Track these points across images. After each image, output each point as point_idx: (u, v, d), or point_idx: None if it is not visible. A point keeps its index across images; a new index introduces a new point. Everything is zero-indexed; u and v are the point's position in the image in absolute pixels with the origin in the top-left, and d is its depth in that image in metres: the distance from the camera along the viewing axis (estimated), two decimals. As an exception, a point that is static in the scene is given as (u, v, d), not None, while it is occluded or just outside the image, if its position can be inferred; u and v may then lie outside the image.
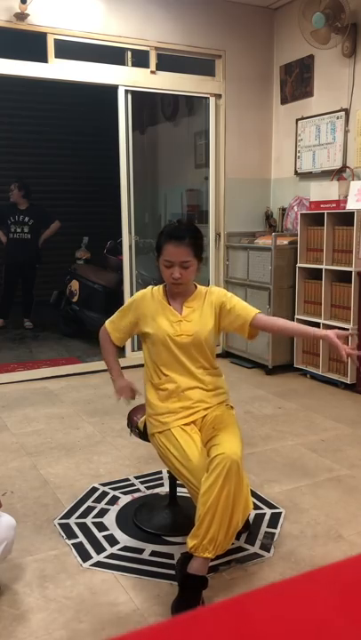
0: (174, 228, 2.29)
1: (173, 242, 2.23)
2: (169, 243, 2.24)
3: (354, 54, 4.61)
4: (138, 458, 3.22)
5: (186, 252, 2.24)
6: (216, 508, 1.94)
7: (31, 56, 4.50)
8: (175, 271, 2.24)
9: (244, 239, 5.27)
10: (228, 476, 1.95)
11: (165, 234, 2.27)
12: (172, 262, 2.24)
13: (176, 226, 2.32)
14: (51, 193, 7.49)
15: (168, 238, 2.25)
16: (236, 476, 1.98)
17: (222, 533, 1.96)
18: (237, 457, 2.00)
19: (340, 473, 3.04)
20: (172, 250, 2.23)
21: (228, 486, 1.95)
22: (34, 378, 4.79)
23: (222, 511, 1.95)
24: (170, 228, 2.30)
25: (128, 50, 4.91)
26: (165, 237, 2.26)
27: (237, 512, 2.01)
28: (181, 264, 2.24)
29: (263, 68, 5.45)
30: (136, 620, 1.94)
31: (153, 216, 6.86)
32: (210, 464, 2.00)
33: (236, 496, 1.99)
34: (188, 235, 2.26)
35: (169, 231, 2.28)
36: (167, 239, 2.25)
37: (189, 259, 2.25)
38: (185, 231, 2.27)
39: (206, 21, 5.09)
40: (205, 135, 5.49)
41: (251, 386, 4.59)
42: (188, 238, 2.25)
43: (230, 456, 1.98)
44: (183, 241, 2.23)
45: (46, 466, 3.15)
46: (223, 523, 1.96)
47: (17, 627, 1.92)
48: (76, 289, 6.12)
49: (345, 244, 4.40)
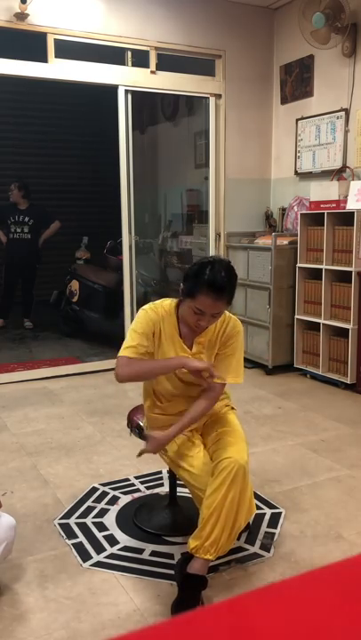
0: (216, 277, 1.95)
1: (213, 295, 1.94)
2: (207, 294, 1.94)
3: (354, 54, 4.61)
4: (138, 458, 3.21)
5: (222, 305, 2.00)
6: (220, 511, 1.93)
7: (31, 56, 4.50)
8: (204, 320, 2.02)
9: (244, 239, 5.27)
10: (235, 480, 1.95)
11: (207, 282, 1.94)
12: (204, 312, 1.99)
13: (218, 272, 1.96)
14: (50, 193, 7.48)
15: (208, 289, 1.94)
16: (242, 481, 1.97)
17: (225, 536, 1.96)
18: (244, 461, 2.00)
19: (340, 473, 3.04)
20: (210, 303, 1.96)
21: (234, 490, 1.95)
22: (34, 378, 4.79)
23: (226, 514, 1.94)
24: (211, 276, 1.94)
25: (128, 50, 4.90)
26: (204, 287, 1.94)
27: (241, 515, 2.01)
28: (214, 314, 2.02)
29: (263, 67, 5.45)
30: (136, 620, 1.94)
31: (153, 216, 6.86)
32: (216, 467, 1.99)
33: (241, 500, 1.99)
34: (230, 286, 1.98)
35: (212, 280, 1.94)
36: (208, 289, 1.94)
37: (223, 309, 2.04)
38: (227, 282, 1.97)
39: (206, 21, 5.09)
40: (205, 135, 5.49)
41: (251, 386, 4.58)
42: (229, 290, 1.98)
43: (238, 460, 1.97)
44: (223, 294, 1.96)
45: (46, 466, 3.15)
46: (226, 526, 1.95)
47: (17, 627, 1.92)
48: (76, 289, 6.12)
49: (345, 243, 4.40)
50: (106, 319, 5.78)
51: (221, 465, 1.97)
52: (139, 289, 5.25)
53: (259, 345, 4.97)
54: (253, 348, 5.05)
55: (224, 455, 1.99)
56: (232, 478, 1.94)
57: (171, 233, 6.42)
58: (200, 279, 1.96)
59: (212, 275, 1.95)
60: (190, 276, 2.02)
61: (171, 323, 2.13)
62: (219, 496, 1.93)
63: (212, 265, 1.99)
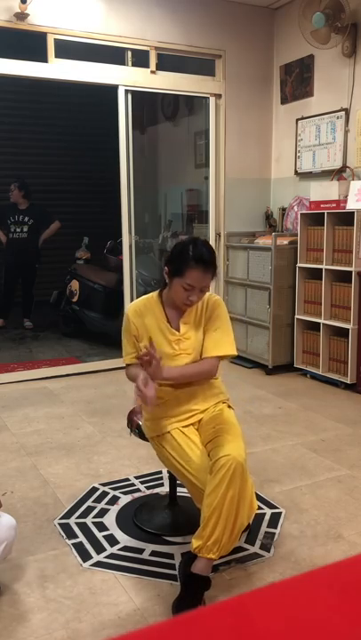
0: (201, 251, 2.13)
1: (202, 267, 2.11)
2: (196, 268, 2.10)
3: (354, 54, 4.61)
4: (138, 458, 3.22)
5: (209, 277, 2.16)
6: (221, 509, 1.93)
7: (31, 56, 4.50)
8: (194, 295, 2.16)
9: (244, 239, 5.27)
10: (233, 477, 1.95)
11: (193, 257, 2.11)
12: (193, 287, 2.13)
13: (201, 248, 2.15)
14: (50, 193, 7.49)
15: (196, 263, 2.10)
16: (240, 478, 1.97)
17: (227, 535, 1.96)
18: (242, 458, 2.00)
19: (340, 473, 3.04)
20: (199, 276, 2.12)
21: (233, 488, 1.95)
22: (34, 378, 4.79)
23: (227, 513, 1.94)
24: (198, 252, 2.12)
25: (128, 50, 4.91)
26: (193, 261, 2.11)
27: (242, 513, 2.01)
28: (202, 288, 2.16)
29: (263, 67, 5.45)
30: (136, 620, 1.94)
31: (153, 216, 6.86)
32: (214, 465, 1.99)
33: (241, 497, 1.99)
34: (214, 260, 2.16)
35: (197, 255, 2.11)
36: (195, 264, 2.10)
37: (209, 283, 2.18)
38: (211, 256, 2.16)
39: (206, 21, 5.09)
40: (205, 135, 5.49)
41: (251, 386, 4.58)
42: (213, 263, 2.16)
43: (236, 457, 1.97)
44: (210, 267, 2.14)
45: (46, 466, 3.15)
46: (228, 524, 1.95)
47: (17, 627, 1.92)
48: (76, 289, 6.12)
49: (345, 243, 4.40)
50: (106, 319, 5.78)
51: (219, 463, 1.97)
52: (139, 289, 5.25)
53: (259, 345, 4.97)
54: (253, 348, 5.05)
55: (222, 453, 2.00)
56: (231, 476, 1.94)
57: (171, 233, 6.42)
58: (186, 256, 2.12)
59: (196, 250, 2.13)
60: (175, 257, 2.17)
61: (156, 311, 2.26)
62: (218, 495, 1.93)
63: (194, 243, 2.17)
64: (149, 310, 2.26)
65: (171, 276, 2.18)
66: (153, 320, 2.25)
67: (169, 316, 2.27)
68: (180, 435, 2.18)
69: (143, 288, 5.92)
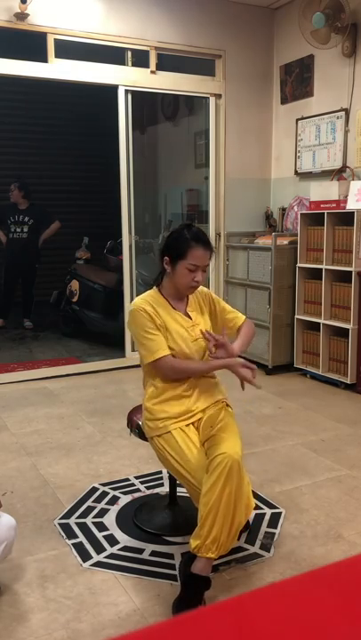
0: (198, 233, 2.26)
1: (202, 246, 2.22)
2: (197, 247, 2.21)
3: (354, 54, 4.61)
4: (138, 458, 3.22)
5: (209, 256, 2.25)
6: (218, 508, 1.94)
7: (31, 56, 4.50)
8: (198, 275, 2.23)
9: (244, 239, 5.27)
10: (230, 475, 1.95)
11: (192, 238, 2.22)
12: (197, 266, 2.22)
13: (197, 230, 2.28)
14: (50, 193, 7.49)
15: (196, 242, 2.21)
16: (237, 476, 1.98)
17: (225, 533, 1.96)
18: (238, 456, 2.00)
19: (340, 473, 3.04)
20: (201, 253, 2.21)
21: (230, 486, 1.95)
22: (34, 378, 4.79)
23: (224, 511, 1.94)
24: (194, 233, 2.25)
25: (128, 50, 4.91)
26: (193, 241, 2.21)
27: (239, 511, 2.01)
28: (204, 268, 2.25)
29: (263, 67, 5.45)
30: (136, 620, 1.94)
31: (153, 216, 6.86)
32: (210, 464, 1.99)
33: (238, 495, 1.99)
34: (209, 240, 2.28)
35: (195, 235, 2.24)
36: (195, 243, 2.21)
37: (209, 262, 2.28)
38: (207, 236, 2.28)
39: (206, 21, 5.09)
40: (205, 135, 5.49)
41: (251, 386, 4.57)
42: (210, 243, 2.27)
43: (232, 455, 1.98)
44: (209, 245, 2.24)
45: (46, 466, 3.15)
46: (225, 523, 1.95)
47: (17, 627, 1.92)
48: (76, 289, 6.12)
49: (345, 243, 4.40)
50: (106, 319, 5.78)
51: (215, 461, 1.98)
52: (139, 289, 5.25)
53: (259, 345, 4.97)
54: (253, 348, 5.04)
55: (218, 451, 2.00)
56: (227, 474, 1.95)
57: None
58: (184, 239, 2.22)
59: (192, 232, 2.24)
60: (172, 243, 2.26)
61: (162, 304, 2.30)
62: (215, 493, 1.93)
63: (187, 227, 2.28)
64: (157, 303, 2.29)
65: (173, 262, 2.24)
66: (164, 311, 2.28)
67: (175, 306, 2.33)
68: (181, 434, 2.18)
69: (143, 288, 5.92)
